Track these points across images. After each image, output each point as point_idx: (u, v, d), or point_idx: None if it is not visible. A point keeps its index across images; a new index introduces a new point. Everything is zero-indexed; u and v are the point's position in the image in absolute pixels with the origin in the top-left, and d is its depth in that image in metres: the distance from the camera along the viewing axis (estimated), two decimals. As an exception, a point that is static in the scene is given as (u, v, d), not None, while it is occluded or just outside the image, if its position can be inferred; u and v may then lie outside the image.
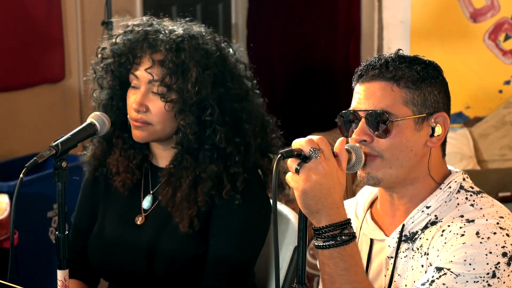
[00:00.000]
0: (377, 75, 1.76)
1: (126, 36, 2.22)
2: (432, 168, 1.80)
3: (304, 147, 1.64)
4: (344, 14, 5.81)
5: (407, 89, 1.75)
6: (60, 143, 1.89)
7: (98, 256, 2.28)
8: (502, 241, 1.66)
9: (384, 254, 1.83)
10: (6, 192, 3.52)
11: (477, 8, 4.68)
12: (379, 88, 1.76)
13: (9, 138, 4.26)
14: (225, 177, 2.16)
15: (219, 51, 2.21)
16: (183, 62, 2.14)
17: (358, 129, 1.76)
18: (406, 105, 1.75)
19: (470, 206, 1.75)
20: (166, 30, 2.19)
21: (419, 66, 1.78)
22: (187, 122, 2.14)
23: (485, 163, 4.52)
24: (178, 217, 2.17)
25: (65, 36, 4.58)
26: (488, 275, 1.64)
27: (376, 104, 1.75)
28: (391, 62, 1.77)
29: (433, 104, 1.78)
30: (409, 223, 1.79)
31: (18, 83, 4.29)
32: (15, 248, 2.98)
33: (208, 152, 2.17)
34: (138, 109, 2.15)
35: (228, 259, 2.16)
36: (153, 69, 2.15)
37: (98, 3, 4.49)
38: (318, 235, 1.67)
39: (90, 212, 2.35)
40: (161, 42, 2.15)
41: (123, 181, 2.27)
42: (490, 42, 4.68)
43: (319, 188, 1.62)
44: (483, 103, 4.74)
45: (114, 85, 2.25)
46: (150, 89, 2.16)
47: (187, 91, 2.13)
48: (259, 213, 2.22)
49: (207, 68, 2.17)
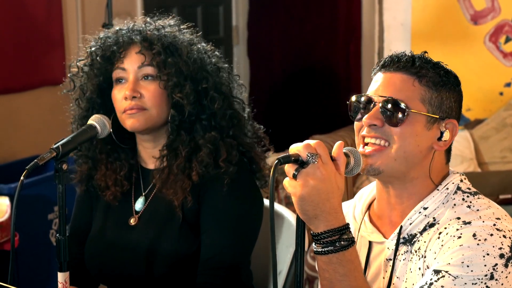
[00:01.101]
0: (402, 67, 1.78)
1: (102, 39, 2.25)
2: (433, 171, 1.80)
3: (302, 152, 1.62)
4: (344, 16, 5.81)
5: (427, 88, 1.77)
6: (60, 146, 1.90)
7: (95, 260, 2.28)
8: (499, 242, 1.66)
9: (383, 256, 1.83)
10: (6, 194, 3.52)
11: (477, 10, 4.68)
12: (401, 80, 1.77)
13: (10, 140, 4.26)
14: (221, 145, 2.18)
15: (193, 33, 2.29)
16: (172, 41, 2.20)
17: (372, 113, 1.76)
18: (423, 103, 1.76)
19: (467, 208, 1.75)
20: (142, 24, 2.25)
21: (442, 71, 1.80)
22: (184, 93, 2.16)
23: (486, 165, 4.52)
24: (172, 194, 2.17)
25: (66, 38, 4.58)
26: (486, 276, 1.63)
27: (396, 93, 1.76)
28: (418, 60, 1.79)
29: (447, 110, 1.79)
30: (407, 225, 1.79)
31: (18, 85, 4.30)
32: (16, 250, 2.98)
33: (205, 122, 2.19)
34: (132, 95, 2.16)
35: (221, 254, 2.15)
36: (144, 51, 2.18)
37: (99, 5, 4.50)
38: (316, 241, 1.66)
39: (86, 219, 2.35)
40: (144, 30, 2.22)
41: (113, 194, 2.28)
42: (490, 44, 4.68)
43: (316, 193, 1.61)
44: (484, 105, 4.74)
45: (92, 98, 2.25)
46: (140, 75, 2.18)
47: (183, 61, 2.17)
48: (251, 206, 2.22)
49: (192, 44, 2.23)
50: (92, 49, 2.25)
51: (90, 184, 2.33)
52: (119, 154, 2.28)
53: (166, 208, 2.21)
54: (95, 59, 2.24)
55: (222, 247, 2.16)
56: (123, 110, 2.18)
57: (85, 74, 2.27)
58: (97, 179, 2.30)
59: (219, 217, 2.17)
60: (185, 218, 2.19)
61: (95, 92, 2.25)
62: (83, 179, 2.33)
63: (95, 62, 2.24)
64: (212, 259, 2.15)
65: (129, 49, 2.20)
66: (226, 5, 6.22)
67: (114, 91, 2.21)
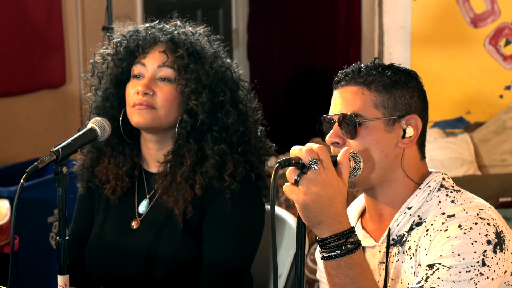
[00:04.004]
0: (349, 80, 1.84)
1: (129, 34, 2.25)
2: (408, 169, 1.82)
3: (304, 156, 1.63)
4: (344, 19, 5.82)
5: (378, 93, 1.80)
6: (60, 149, 1.89)
7: (95, 263, 2.28)
8: (484, 230, 1.69)
9: (376, 260, 1.85)
10: (6, 197, 3.52)
11: (477, 13, 4.68)
12: (351, 92, 1.83)
13: (10, 143, 4.26)
14: (229, 159, 2.18)
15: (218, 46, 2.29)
16: (198, 47, 2.20)
17: (332, 132, 1.81)
18: (377, 108, 1.80)
19: (451, 203, 1.78)
20: (168, 28, 2.25)
21: (391, 72, 1.83)
22: (200, 101, 2.16)
23: (486, 168, 4.52)
24: (173, 202, 2.17)
25: (66, 41, 4.59)
26: (478, 263, 1.66)
27: (348, 107, 1.81)
28: (364, 69, 1.84)
29: (404, 107, 1.82)
30: (395, 226, 1.82)
31: (18, 88, 4.30)
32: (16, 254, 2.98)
33: (216, 134, 2.19)
34: (145, 91, 2.16)
35: (224, 261, 2.16)
36: (168, 52, 2.18)
37: (99, 8, 4.50)
38: (322, 246, 1.66)
39: (87, 221, 2.36)
40: (172, 31, 2.22)
41: (112, 188, 2.28)
42: (490, 47, 4.68)
43: (319, 199, 1.61)
44: (484, 108, 4.75)
45: (109, 88, 2.26)
46: (158, 74, 2.18)
47: (204, 70, 2.17)
48: (254, 214, 2.22)
49: (217, 56, 2.23)
50: (118, 39, 2.26)
51: (91, 181, 2.33)
52: (124, 149, 2.29)
53: (168, 213, 2.20)
54: (119, 49, 2.25)
55: (225, 253, 2.16)
56: (132, 104, 2.19)
57: (107, 63, 2.27)
58: (98, 171, 2.30)
59: (222, 225, 2.17)
60: (187, 225, 2.19)
61: (112, 82, 2.26)
62: (85, 171, 2.33)
63: (118, 52, 2.25)
64: (214, 266, 2.15)
65: (154, 47, 2.21)
66: (226, 8, 6.23)
67: (129, 84, 2.22)
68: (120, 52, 2.24)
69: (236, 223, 2.17)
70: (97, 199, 2.34)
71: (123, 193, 2.29)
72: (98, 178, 2.31)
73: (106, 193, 2.29)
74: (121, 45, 2.25)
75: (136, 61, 2.21)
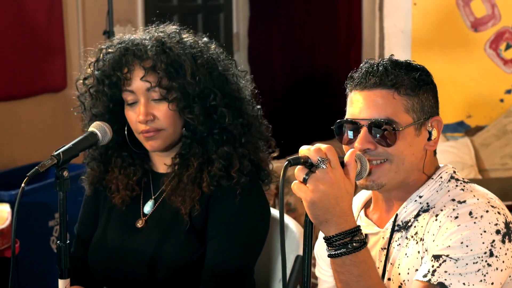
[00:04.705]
0: (378, 83, 1.79)
1: (106, 57, 2.21)
2: (425, 167, 1.84)
3: (312, 156, 1.65)
4: (345, 23, 5.83)
5: (407, 96, 1.79)
6: (61, 153, 1.90)
7: (99, 263, 2.28)
8: (494, 218, 1.70)
9: (378, 246, 1.86)
10: (7, 201, 3.52)
11: (478, 17, 4.69)
12: (381, 96, 1.78)
13: (11, 147, 4.27)
14: (235, 158, 2.18)
15: (198, 41, 2.25)
16: (174, 60, 2.16)
17: (361, 138, 1.78)
18: (407, 113, 1.78)
19: (460, 190, 1.80)
20: (144, 38, 2.21)
21: (415, 72, 1.81)
22: (194, 114, 2.16)
23: (486, 172, 4.53)
24: (180, 201, 2.18)
25: (67, 45, 4.59)
26: (485, 254, 1.67)
27: (379, 112, 1.77)
28: (390, 70, 1.80)
29: (429, 109, 1.82)
30: (402, 213, 1.83)
31: (19, 92, 4.30)
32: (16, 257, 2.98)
33: (217, 136, 2.19)
34: (146, 119, 2.16)
35: (226, 262, 2.15)
36: (148, 76, 2.15)
37: (100, 12, 4.51)
38: (328, 244, 1.69)
39: (92, 221, 2.36)
40: (145, 49, 2.16)
41: (122, 198, 2.28)
42: (491, 51, 4.69)
43: (326, 198, 1.64)
44: (484, 112, 4.75)
45: (105, 110, 2.24)
46: (150, 97, 2.17)
47: (187, 83, 2.15)
48: (258, 216, 2.22)
49: (196, 58, 2.19)
50: (96, 72, 2.22)
51: (100, 184, 2.34)
52: (133, 160, 2.29)
53: (173, 213, 2.21)
54: (100, 86, 2.22)
55: (228, 255, 2.16)
56: (139, 132, 2.19)
57: (93, 96, 2.25)
58: (108, 181, 2.31)
59: (227, 225, 2.17)
60: (192, 225, 2.19)
61: (105, 113, 2.25)
62: (94, 180, 2.33)
63: (101, 89, 2.22)
64: (216, 267, 2.15)
65: (133, 71, 2.17)
66: (227, 12, 6.23)
67: (127, 112, 2.21)
68: (102, 88, 2.21)
69: (241, 225, 2.17)
70: (103, 201, 2.35)
71: (131, 199, 2.30)
72: (107, 186, 2.32)
73: (115, 202, 2.29)
74: (102, 81, 2.20)
75: (124, 89, 2.19)
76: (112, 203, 2.31)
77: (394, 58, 1.85)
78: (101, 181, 2.33)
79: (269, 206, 2.28)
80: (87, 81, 2.27)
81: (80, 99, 2.30)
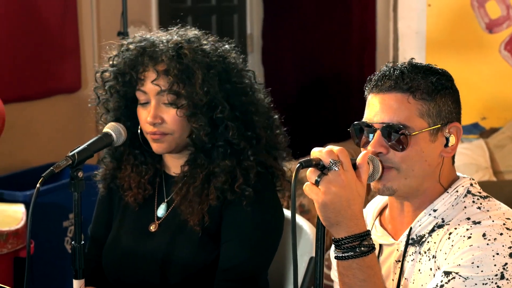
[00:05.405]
0: (393, 86, 1.76)
1: (124, 55, 2.23)
2: (442, 175, 1.81)
3: (324, 158, 1.64)
4: (359, 24, 5.82)
5: (423, 101, 1.76)
6: (76, 153, 1.90)
7: (112, 265, 2.29)
8: (509, 241, 1.67)
9: (393, 258, 1.85)
10: (22, 201, 3.53)
11: (492, 18, 4.67)
12: (395, 100, 1.76)
13: (25, 148, 4.28)
14: (238, 172, 2.18)
15: (217, 49, 2.24)
16: (187, 66, 2.16)
17: (374, 141, 1.76)
18: (422, 117, 1.76)
19: (477, 209, 1.76)
20: (162, 40, 2.21)
21: (433, 76, 1.78)
22: (199, 124, 2.16)
23: (501, 174, 4.50)
24: (189, 213, 2.18)
25: (81, 46, 4.60)
26: (496, 276, 1.64)
27: (393, 116, 1.75)
28: (407, 73, 1.77)
29: (447, 115, 1.79)
30: (416, 226, 1.80)
31: (34, 93, 4.31)
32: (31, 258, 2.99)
33: (221, 149, 2.19)
34: (154, 122, 2.17)
35: (240, 265, 2.16)
36: (159, 80, 2.16)
37: (114, 14, 4.52)
38: (337, 246, 1.68)
39: (106, 222, 2.37)
40: (161, 53, 2.17)
41: (134, 196, 2.29)
42: (506, 53, 4.67)
43: (338, 200, 1.63)
44: (499, 114, 4.73)
45: (120, 106, 2.26)
46: (160, 100, 2.18)
47: (196, 94, 2.15)
48: (272, 219, 2.22)
49: (210, 67, 2.18)
50: (113, 68, 2.24)
51: (113, 183, 2.35)
52: (145, 158, 2.30)
53: (186, 218, 2.21)
54: (115, 82, 2.24)
55: (242, 258, 2.16)
56: (147, 132, 2.21)
57: (107, 91, 2.27)
58: (120, 178, 2.32)
59: (241, 229, 2.17)
60: (205, 230, 2.19)
61: (118, 108, 2.27)
62: (107, 177, 2.35)
63: (114, 85, 2.24)
64: (230, 270, 2.15)
65: (147, 72, 2.18)
66: (241, 13, 6.23)
67: (139, 110, 2.23)
68: (118, 86, 2.23)
69: (254, 229, 2.17)
70: (117, 202, 2.35)
71: (144, 199, 2.30)
72: (120, 184, 2.33)
73: (127, 200, 2.30)
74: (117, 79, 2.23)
75: (137, 88, 2.20)
76: (126, 203, 2.32)
77: (414, 62, 1.82)
78: (114, 179, 2.34)
79: (282, 209, 2.27)
80: (104, 75, 2.28)
81: (96, 91, 2.31)
